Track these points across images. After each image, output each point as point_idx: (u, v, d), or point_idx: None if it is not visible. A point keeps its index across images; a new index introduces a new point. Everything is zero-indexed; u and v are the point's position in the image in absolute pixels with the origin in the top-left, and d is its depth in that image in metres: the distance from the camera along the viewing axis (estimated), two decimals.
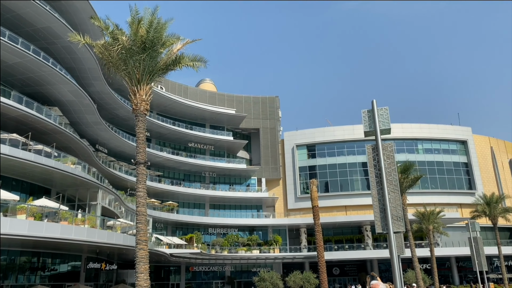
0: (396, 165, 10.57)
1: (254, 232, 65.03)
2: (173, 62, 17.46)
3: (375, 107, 10.88)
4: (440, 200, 65.04)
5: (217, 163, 65.09)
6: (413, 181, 41.20)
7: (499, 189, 71.34)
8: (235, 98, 70.33)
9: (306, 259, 60.25)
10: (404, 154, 66.54)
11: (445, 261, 62.99)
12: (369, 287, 5.25)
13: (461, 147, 72.77)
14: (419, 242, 57.38)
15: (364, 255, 60.66)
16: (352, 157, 69.18)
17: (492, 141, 78.87)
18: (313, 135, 71.61)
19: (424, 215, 47.24)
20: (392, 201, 10.03)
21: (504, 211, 54.19)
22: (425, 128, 71.69)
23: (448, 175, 69.86)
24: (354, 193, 66.59)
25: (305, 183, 68.58)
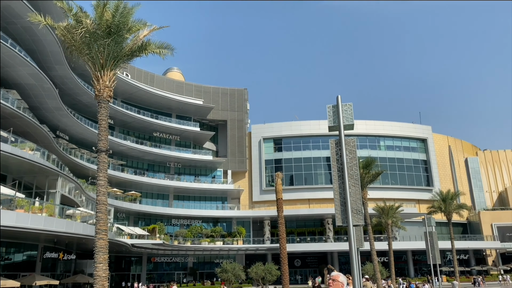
0: (357, 160, 10.81)
1: (218, 223, 65.07)
2: (139, 49, 17.04)
3: (340, 103, 11.06)
4: (399, 196, 67.26)
5: (182, 153, 64.43)
6: (374, 177, 42.29)
7: (454, 187, 74.58)
8: (203, 88, 69.67)
9: (269, 250, 60.92)
10: (367, 150, 68.21)
11: (402, 255, 65.34)
12: (330, 279, 5.33)
13: (421, 145, 75.39)
14: (378, 236, 59.20)
15: (325, 248, 61.99)
16: (317, 152, 70.24)
17: (450, 140, 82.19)
18: (280, 128, 72.13)
19: (383, 210, 48.68)
20: (352, 195, 10.26)
21: (458, 208, 56.72)
22: (388, 126, 73.71)
23: (408, 171, 72.28)
24: (318, 187, 67.75)
25: (270, 176, 69.09)
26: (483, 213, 73.98)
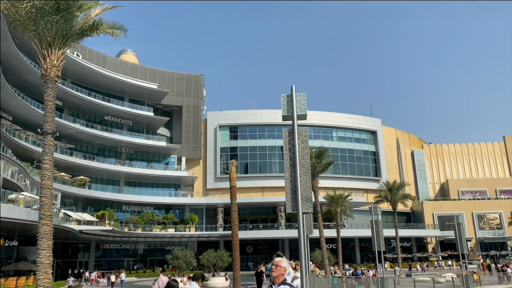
0: (309, 149, 11.03)
1: (171, 210, 64.39)
2: (90, 28, 16.29)
3: (294, 93, 11.17)
4: (349, 185, 69.59)
5: (135, 139, 62.85)
6: (326, 166, 43.48)
7: (401, 177, 78.18)
8: (158, 72, 68.06)
9: (221, 238, 61.20)
10: (320, 141, 69.81)
11: (349, 242, 67.86)
12: (273, 264, 5.41)
13: (371, 137, 78.18)
14: (327, 224, 61.04)
15: (277, 235, 63.15)
16: (272, 141, 70.94)
17: (398, 133, 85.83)
18: (236, 116, 72.07)
19: (333, 198, 50.20)
20: (303, 184, 10.47)
21: (403, 198, 59.63)
22: (340, 117, 75.70)
23: (357, 162, 74.82)
24: (272, 175, 68.60)
25: (225, 163, 69.07)
26: (426, 203, 78.21)
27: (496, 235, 75.58)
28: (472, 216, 76.30)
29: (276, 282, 5.21)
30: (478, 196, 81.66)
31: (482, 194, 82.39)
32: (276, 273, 5.21)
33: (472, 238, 74.20)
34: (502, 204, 77.73)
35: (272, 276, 5.28)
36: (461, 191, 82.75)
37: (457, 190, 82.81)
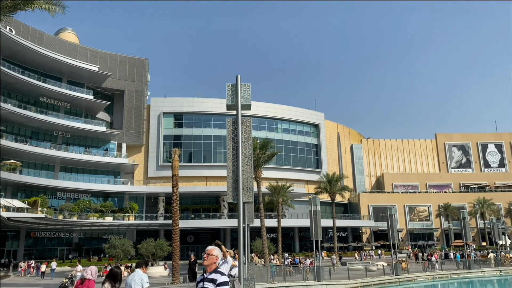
0: (252, 140, 11.05)
1: (109, 198, 62.21)
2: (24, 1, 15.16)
3: (239, 82, 11.13)
4: (291, 176, 71.12)
5: (72, 122, 59.72)
6: (270, 157, 44.08)
7: (340, 170, 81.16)
8: (100, 54, 64.97)
9: (162, 227, 60.24)
10: (265, 132, 70.48)
11: (289, 231, 69.56)
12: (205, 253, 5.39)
13: (313, 130, 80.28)
14: (269, 213, 62.06)
15: (218, 224, 63.23)
16: (218, 130, 70.53)
17: (339, 127, 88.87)
18: (181, 104, 70.74)
19: (276, 189, 51.10)
20: (244, 173, 10.50)
21: (342, 189, 62.01)
22: (286, 110, 76.90)
23: (300, 154, 76.59)
24: (216, 165, 68.37)
25: (168, 152, 67.74)
26: (362, 195, 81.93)
27: (424, 226, 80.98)
28: (404, 208, 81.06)
29: (208, 270, 5.22)
30: (410, 190, 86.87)
31: (413, 187, 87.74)
32: (208, 262, 5.24)
33: (403, 229, 78.92)
34: (431, 197, 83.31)
35: (204, 265, 5.29)
36: (395, 184, 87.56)
37: (391, 183, 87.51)
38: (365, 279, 31.72)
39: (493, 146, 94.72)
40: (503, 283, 38.44)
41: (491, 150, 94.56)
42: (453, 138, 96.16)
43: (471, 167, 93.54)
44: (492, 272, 41.46)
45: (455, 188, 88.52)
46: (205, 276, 5.21)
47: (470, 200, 78.95)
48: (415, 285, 34.64)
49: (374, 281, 32.25)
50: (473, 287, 36.12)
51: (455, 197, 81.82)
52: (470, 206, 77.07)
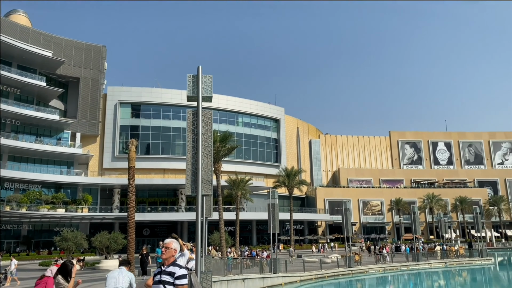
0: (212, 132, 10.95)
1: (62, 190, 59.86)
2: None
3: (200, 73, 10.98)
4: (251, 170, 71.43)
5: (22, 109, 56.75)
6: (230, 150, 44.01)
7: (298, 165, 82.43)
8: (54, 39, 62.06)
9: (117, 219, 58.78)
10: (226, 125, 70.25)
11: (247, 224, 69.94)
12: (163, 246, 5.32)
13: (274, 125, 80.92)
14: (227, 207, 62.09)
15: (176, 217, 62.52)
16: (177, 122, 69.47)
17: (299, 122, 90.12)
18: (139, 94, 68.99)
19: (235, 182, 51.15)
20: (204, 166, 10.41)
21: (299, 183, 63.05)
22: (247, 104, 76.93)
23: (260, 148, 77.03)
24: (175, 157, 67.41)
25: (125, 142, 65.94)
26: (319, 189, 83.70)
27: (377, 220, 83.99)
28: (358, 203, 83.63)
29: (166, 263, 5.18)
30: (364, 185, 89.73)
31: (367, 182, 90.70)
32: (166, 255, 5.20)
33: (357, 223, 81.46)
34: (383, 192, 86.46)
35: (162, 258, 5.23)
36: (350, 179, 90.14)
37: (346, 178, 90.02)
38: (319, 271, 32.53)
39: (443, 144, 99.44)
40: (448, 274, 40.65)
41: (441, 148, 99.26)
42: (406, 135, 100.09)
43: (422, 164, 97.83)
44: (438, 264, 43.75)
45: (406, 183, 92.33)
46: (162, 269, 5.16)
47: (420, 195, 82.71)
48: (367, 277, 35.91)
49: (328, 273, 33.13)
50: (421, 278, 37.94)
51: (406, 193, 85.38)
52: (420, 201, 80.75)
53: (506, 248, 71.70)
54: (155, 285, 5.12)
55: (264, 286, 27.83)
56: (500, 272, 45.07)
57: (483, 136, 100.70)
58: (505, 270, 47.21)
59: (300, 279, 30.58)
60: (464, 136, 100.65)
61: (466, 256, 47.62)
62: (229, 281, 25.30)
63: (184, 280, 4.99)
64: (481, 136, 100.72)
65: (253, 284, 27.07)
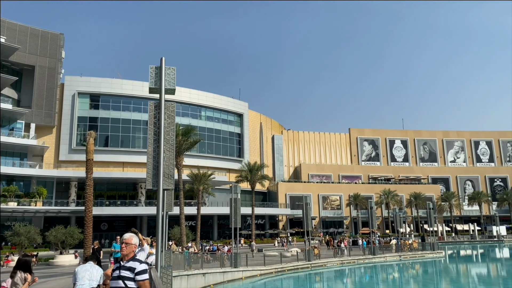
0: (175, 125, 10.80)
1: (14, 182, 57.14)
2: None
3: (163, 65, 10.78)
4: (213, 164, 71.12)
5: None
6: (192, 144, 43.62)
7: (261, 160, 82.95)
8: (8, 24, 58.89)
9: (73, 213, 56.92)
10: (188, 118, 69.49)
11: (209, 219, 69.70)
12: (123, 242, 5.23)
13: (237, 119, 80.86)
14: (189, 201, 61.58)
15: (135, 212, 61.35)
16: (137, 114, 68.00)
17: (262, 117, 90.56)
18: (99, 84, 66.86)
19: (197, 177, 50.79)
20: (166, 160, 10.25)
21: (262, 178, 63.47)
22: (210, 97, 76.37)
23: (223, 142, 76.80)
24: (135, 150, 66.00)
25: (83, 134, 63.81)
26: (281, 184, 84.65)
27: (335, 215, 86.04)
28: (318, 197, 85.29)
29: (126, 259, 5.12)
30: (324, 180, 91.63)
31: (327, 178, 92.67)
32: (126, 251, 5.14)
33: (317, 217, 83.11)
34: (343, 187, 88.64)
35: (122, 254, 5.14)
36: (311, 174, 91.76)
37: (307, 174, 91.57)
38: (279, 265, 32.99)
39: (399, 142, 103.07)
40: (401, 267, 42.34)
41: (397, 146, 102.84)
42: (365, 133, 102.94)
43: (379, 161, 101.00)
44: (393, 257, 45.46)
45: (364, 179, 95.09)
46: (122, 264, 5.07)
47: (377, 191, 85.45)
48: (325, 270, 36.77)
49: (288, 267, 33.65)
50: (376, 271, 39.29)
51: (364, 188, 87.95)
52: (377, 196, 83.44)
53: (456, 242, 75.52)
54: (113, 280, 5.03)
55: (225, 281, 27.89)
56: (449, 264, 47.44)
57: (437, 135, 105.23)
58: (454, 263, 49.77)
59: (261, 273, 30.88)
60: (420, 135, 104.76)
61: (419, 250, 49.76)
62: (189, 276, 25.15)
63: (145, 275, 4.94)
64: (435, 135, 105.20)
65: (213, 279, 27.06)
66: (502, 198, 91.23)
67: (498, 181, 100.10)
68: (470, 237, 78.83)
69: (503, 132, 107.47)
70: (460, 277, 37.00)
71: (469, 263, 50.10)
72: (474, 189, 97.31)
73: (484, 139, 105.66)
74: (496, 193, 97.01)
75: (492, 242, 74.42)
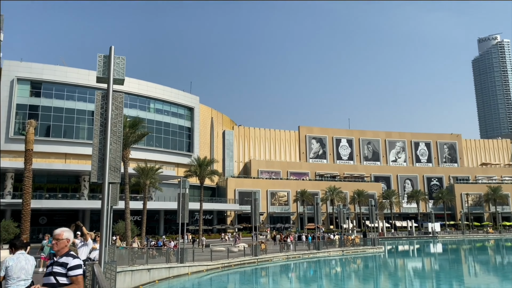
0: (123, 117, 10.48)
1: None
2: None
3: (113, 54, 10.41)
4: (161, 158, 69.76)
5: None
6: (140, 137, 42.50)
7: (211, 155, 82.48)
8: None
9: (9, 206, 53.58)
10: (136, 110, 67.59)
11: (155, 214, 68.36)
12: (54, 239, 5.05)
13: (188, 113, 79.80)
14: (135, 196, 60.05)
15: (78, 205, 58.89)
16: (82, 104, 65.17)
17: (213, 112, 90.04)
18: (41, 71, 63.24)
19: (144, 171, 49.54)
20: (113, 152, 9.94)
21: (211, 173, 63.14)
22: (160, 89, 74.73)
23: (172, 136, 75.51)
24: (78, 142, 63.24)
25: (22, 123, 60.15)
26: (230, 179, 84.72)
27: (283, 210, 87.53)
28: (266, 193, 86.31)
29: (59, 254, 4.98)
30: (273, 176, 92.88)
31: (276, 174, 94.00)
32: (58, 247, 4.98)
33: (264, 212, 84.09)
34: (291, 184, 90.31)
35: (55, 250, 4.96)
36: (261, 170, 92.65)
37: (257, 170, 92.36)
38: (226, 260, 33.09)
39: (345, 141, 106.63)
40: (344, 261, 43.94)
41: (343, 144, 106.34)
42: (313, 131, 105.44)
43: (326, 158, 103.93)
44: (336, 252, 47.08)
45: (311, 176, 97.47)
46: (55, 259, 4.90)
47: (323, 187, 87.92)
48: (271, 265, 37.36)
49: (235, 262, 33.83)
50: (320, 265, 40.50)
51: (311, 185, 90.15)
52: (322, 193, 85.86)
53: (395, 238, 79.47)
54: (45, 277, 4.84)
55: (170, 276, 27.54)
56: (388, 259, 49.89)
57: (380, 135, 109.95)
58: (392, 258, 52.39)
59: (207, 268, 30.81)
60: (364, 135, 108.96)
61: (361, 245, 51.88)
62: (134, 272, 24.58)
63: (78, 271, 4.77)
64: (378, 135, 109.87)
65: (159, 274, 26.63)
66: (437, 197, 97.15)
67: (435, 181, 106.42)
68: (408, 233, 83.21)
69: (441, 134, 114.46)
70: (397, 271, 39.03)
71: (406, 258, 52.97)
72: (413, 187, 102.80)
73: (424, 141, 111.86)
74: (433, 192, 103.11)
75: (427, 238, 79.08)
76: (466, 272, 37.77)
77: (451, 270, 38.14)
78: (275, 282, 30.90)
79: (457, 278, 32.40)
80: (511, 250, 62.40)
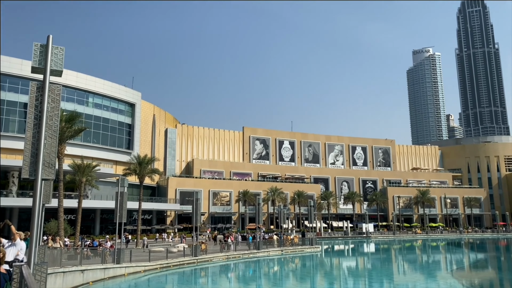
0: (60, 111, 9.98)
1: None
2: None
3: (51, 44, 9.88)
4: (99, 155, 66.99)
5: None
6: (76, 132, 40.60)
7: (152, 153, 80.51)
8: None
9: None
10: (73, 104, 64.41)
11: (91, 213, 65.46)
12: None
13: (128, 109, 77.35)
14: (69, 193, 57.12)
15: (5, 203, 54.79)
16: (14, 95, 61.01)
17: (156, 109, 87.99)
18: None
19: (80, 167, 47.32)
20: (47, 147, 9.43)
21: (152, 172, 61.56)
22: (100, 83, 71.79)
23: (111, 132, 72.79)
24: (8, 135, 59.06)
25: None
26: (172, 179, 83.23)
27: (225, 210, 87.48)
28: (209, 193, 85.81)
29: None
30: (216, 176, 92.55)
31: (219, 174, 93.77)
32: None
33: (206, 213, 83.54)
34: (233, 184, 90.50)
35: None
36: (203, 170, 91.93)
37: (200, 169, 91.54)
38: (165, 261, 32.51)
39: (288, 143, 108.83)
40: (283, 261, 44.81)
41: (286, 146, 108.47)
42: (257, 132, 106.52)
43: (269, 159, 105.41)
44: (276, 251, 47.90)
45: (254, 177, 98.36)
46: None
47: (265, 188, 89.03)
48: (211, 265, 37.22)
49: (174, 262, 33.32)
50: (259, 265, 40.99)
51: (253, 185, 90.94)
52: (264, 193, 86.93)
53: (331, 238, 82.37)
54: None
55: (106, 277, 26.56)
56: (324, 258, 51.59)
57: (320, 139, 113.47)
58: (329, 257, 54.25)
59: (145, 269, 30.08)
60: (306, 137, 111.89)
61: (300, 245, 53.21)
62: (66, 273, 23.41)
63: None
64: (319, 138, 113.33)
65: (93, 276, 25.58)
66: (371, 199, 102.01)
67: (369, 183, 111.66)
68: (343, 233, 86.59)
69: (376, 139, 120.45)
70: (333, 270, 40.50)
71: (341, 257, 55.11)
72: (349, 189, 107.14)
73: (360, 145, 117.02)
74: (367, 194, 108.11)
75: (361, 238, 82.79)
76: (396, 270, 40.04)
77: (382, 269, 40.24)
78: (214, 282, 30.85)
79: (388, 276, 34.26)
80: (436, 250, 67.05)
